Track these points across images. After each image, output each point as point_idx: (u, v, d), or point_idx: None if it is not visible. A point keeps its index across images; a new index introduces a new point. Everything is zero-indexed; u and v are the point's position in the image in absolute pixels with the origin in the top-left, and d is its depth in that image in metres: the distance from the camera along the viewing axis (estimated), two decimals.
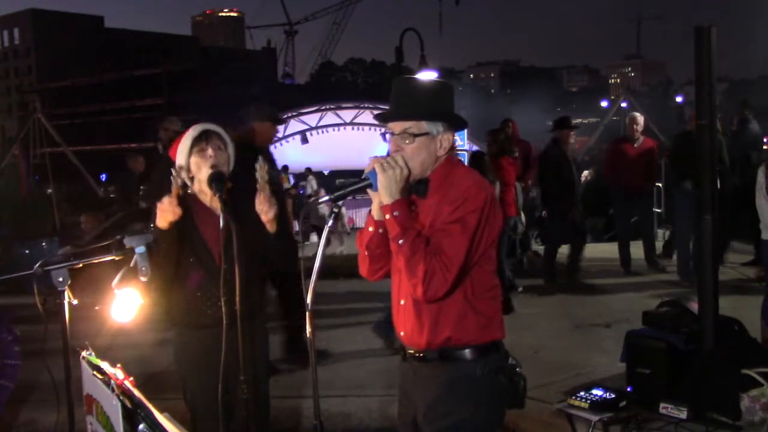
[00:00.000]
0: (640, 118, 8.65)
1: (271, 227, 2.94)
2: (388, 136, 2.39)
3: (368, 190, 2.32)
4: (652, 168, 8.80)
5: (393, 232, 2.26)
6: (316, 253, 2.39)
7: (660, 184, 10.43)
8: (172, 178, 2.88)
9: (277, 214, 2.92)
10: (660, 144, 11.06)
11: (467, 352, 2.36)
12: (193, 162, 2.99)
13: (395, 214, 2.25)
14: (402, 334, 2.47)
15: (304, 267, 2.46)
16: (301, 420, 4.66)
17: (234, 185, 2.95)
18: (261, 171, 2.87)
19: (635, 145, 8.52)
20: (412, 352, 2.44)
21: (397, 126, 2.35)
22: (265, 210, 2.89)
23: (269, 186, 2.91)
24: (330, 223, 2.39)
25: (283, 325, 5.49)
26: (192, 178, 3.02)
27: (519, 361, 2.48)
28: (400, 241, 2.24)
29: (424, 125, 2.33)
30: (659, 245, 9.48)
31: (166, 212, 2.86)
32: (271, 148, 5.74)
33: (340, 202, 2.33)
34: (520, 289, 7.75)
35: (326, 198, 2.34)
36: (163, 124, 7.47)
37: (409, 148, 2.32)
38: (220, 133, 3.05)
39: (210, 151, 2.97)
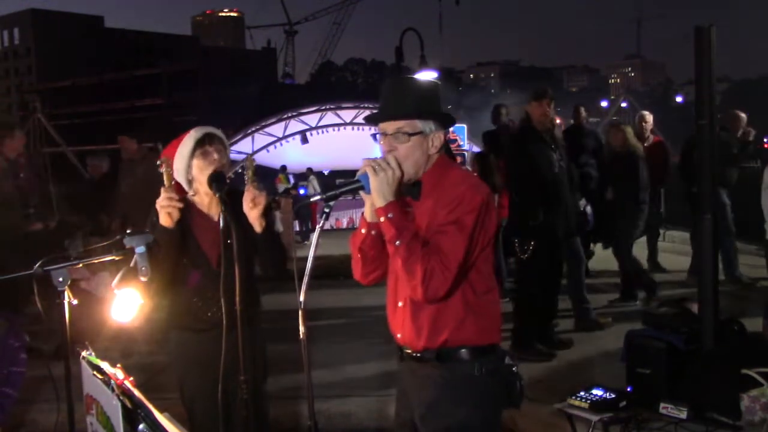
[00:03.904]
0: (649, 117, 8.53)
1: (258, 226, 2.83)
2: (379, 137, 2.38)
3: (361, 193, 2.32)
4: (663, 167, 8.49)
5: (389, 234, 2.25)
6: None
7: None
8: (161, 170, 2.80)
9: (265, 209, 2.82)
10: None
11: (464, 353, 2.35)
12: (195, 165, 2.94)
13: (389, 216, 2.24)
14: (399, 336, 2.45)
15: (297, 267, 2.45)
16: (301, 420, 4.66)
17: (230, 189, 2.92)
18: (249, 163, 2.83)
19: (645, 144, 8.30)
20: (409, 351, 2.43)
21: (390, 126, 2.34)
22: (252, 199, 2.78)
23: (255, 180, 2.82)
24: (321, 222, 2.39)
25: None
26: (190, 181, 2.99)
27: (516, 362, 2.49)
28: (397, 243, 2.23)
29: (417, 124, 2.32)
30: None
31: (167, 207, 2.80)
32: (272, 148, 5.77)
33: (331, 203, 2.33)
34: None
35: (318, 198, 2.35)
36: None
37: (403, 147, 2.31)
38: (220, 136, 3.02)
39: (215, 155, 2.93)
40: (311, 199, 2.46)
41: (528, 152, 5.48)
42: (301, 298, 2.31)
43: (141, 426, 1.91)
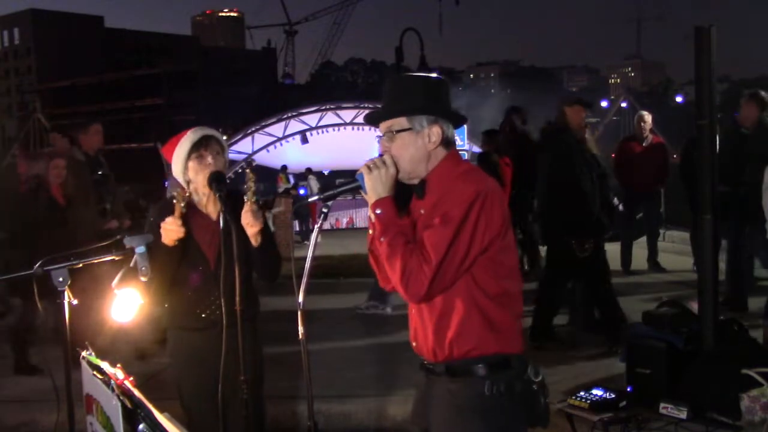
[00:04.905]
0: (647, 117, 8.56)
1: (254, 241, 2.87)
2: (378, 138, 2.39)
3: (362, 193, 2.30)
4: (662, 167, 8.57)
5: (377, 230, 2.23)
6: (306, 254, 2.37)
7: None
8: (174, 199, 2.82)
9: (262, 229, 2.85)
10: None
11: (476, 368, 2.23)
12: (190, 167, 2.96)
13: (377, 212, 2.22)
14: (414, 344, 2.41)
15: (296, 267, 2.45)
16: (301, 420, 4.66)
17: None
18: (249, 181, 2.82)
19: (644, 144, 8.42)
20: (425, 362, 2.38)
21: (381, 126, 2.34)
22: (250, 223, 2.82)
23: (255, 199, 2.84)
24: (320, 222, 2.40)
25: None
26: (188, 182, 3.00)
27: (540, 371, 2.33)
28: (381, 239, 2.20)
29: (404, 121, 2.28)
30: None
31: (171, 232, 2.81)
32: (272, 148, 5.77)
33: (329, 202, 2.33)
34: None
35: (316, 198, 2.34)
36: None
37: (394, 146, 2.29)
38: (218, 138, 3.03)
39: (209, 159, 2.94)
40: (309, 199, 2.47)
41: (577, 151, 5.54)
42: (300, 299, 2.31)
43: (141, 426, 1.91)
